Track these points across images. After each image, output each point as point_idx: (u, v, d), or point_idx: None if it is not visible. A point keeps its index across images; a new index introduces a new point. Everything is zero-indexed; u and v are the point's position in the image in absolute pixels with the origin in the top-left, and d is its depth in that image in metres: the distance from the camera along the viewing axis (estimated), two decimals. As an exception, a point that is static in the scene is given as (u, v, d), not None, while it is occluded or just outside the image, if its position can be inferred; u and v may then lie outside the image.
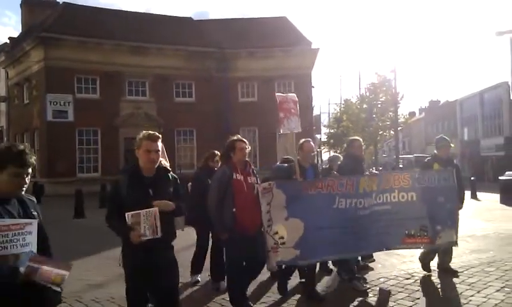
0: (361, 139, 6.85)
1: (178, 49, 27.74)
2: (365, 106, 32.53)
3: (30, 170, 2.63)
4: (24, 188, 2.64)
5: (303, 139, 6.16)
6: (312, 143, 6.19)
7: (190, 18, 32.63)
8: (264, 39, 28.32)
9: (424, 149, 53.69)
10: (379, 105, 31.90)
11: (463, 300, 5.48)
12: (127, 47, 26.89)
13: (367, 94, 33.10)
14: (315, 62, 30.09)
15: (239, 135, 5.23)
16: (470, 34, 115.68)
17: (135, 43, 26.94)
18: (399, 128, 32.82)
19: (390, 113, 30.68)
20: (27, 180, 2.62)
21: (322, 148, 47.64)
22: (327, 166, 8.77)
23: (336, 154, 8.01)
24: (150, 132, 3.75)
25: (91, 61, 25.70)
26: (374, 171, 7.08)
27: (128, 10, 35.18)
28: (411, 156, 43.98)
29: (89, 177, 25.48)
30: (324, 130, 45.92)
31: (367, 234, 5.53)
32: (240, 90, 29.14)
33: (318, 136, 46.09)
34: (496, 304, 5.28)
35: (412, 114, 66.92)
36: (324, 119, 48.06)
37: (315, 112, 43.78)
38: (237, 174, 4.89)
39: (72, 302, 5.66)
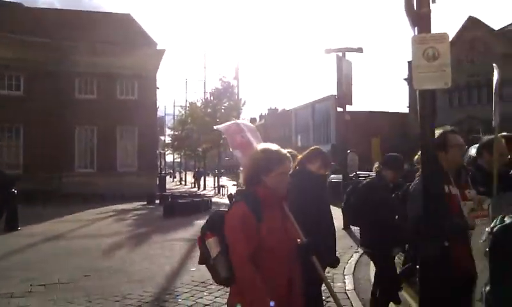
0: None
1: (3, 36, 24.56)
2: (209, 110, 33.07)
3: None
4: None
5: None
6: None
7: (20, 4, 29.22)
8: (106, 34, 26.73)
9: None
10: (222, 110, 32.71)
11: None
12: None
13: (211, 98, 33.73)
14: (161, 63, 29.58)
15: (449, 127, 3.51)
16: (306, 49, 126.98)
17: None
18: (240, 133, 33.94)
19: (233, 118, 31.63)
20: None
21: (165, 150, 47.05)
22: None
23: None
24: None
25: None
26: None
27: None
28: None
29: None
30: (168, 132, 45.41)
31: None
32: (77, 86, 27.02)
33: (162, 138, 45.46)
34: None
35: (253, 120, 70.61)
36: (169, 121, 47.66)
37: (160, 113, 43.15)
38: (450, 186, 3.16)
39: None
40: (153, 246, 9.86)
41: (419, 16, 3.62)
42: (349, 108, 13.84)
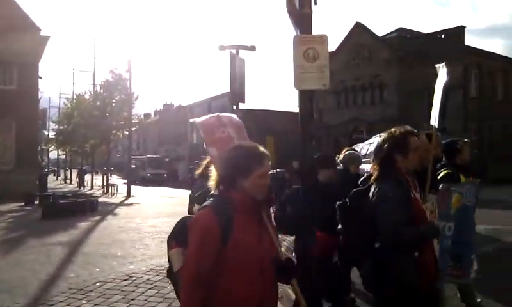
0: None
1: None
2: (98, 103, 31.42)
3: None
4: None
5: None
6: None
7: None
8: (-22, 15, 24.04)
9: (157, 150, 55.70)
10: (113, 104, 31.25)
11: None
12: None
13: (101, 91, 32.06)
14: (45, 51, 27.41)
15: (408, 126, 3.11)
16: (202, 45, 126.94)
17: None
18: (133, 129, 32.86)
19: (125, 113, 30.48)
20: None
21: (49, 145, 43.73)
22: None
23: (355, 151, 5.96)
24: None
25: None
26: None
27: None
28: (144, 157, 44.88)
29: None
30: (52, 125, 42.27)
31: None
32: None
33: (45, 132, 42.24)
34: None
35: (148, 115, 68.68)
36: (54, 114, 44.35)
37: (43, 105, 40.05)
38: (413, 191, 2.93)
39: None
40: (27, 251, 8.98)
41: (301, 16, 3.67)
42: (245, 106, 13.92)
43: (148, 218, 14.10)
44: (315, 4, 3.75)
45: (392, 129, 3.00)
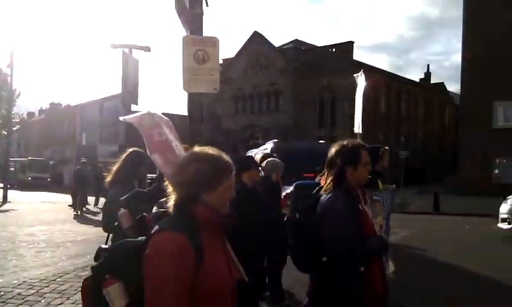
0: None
1: None
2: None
3: None
4: None
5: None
6: None
7: None
8: None
9: (41, 152, 51.68)
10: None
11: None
12: None
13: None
14: None
15: (360, 140, 3.03)
16: (94, 42, 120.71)
17: None
18: (14, 128, 30.16)
19: (4, 111, 27.79)
20: None
21: None
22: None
23: (276, 159, 5.55)
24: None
25: None
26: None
27: None
28: (25, 159, 41.20)
29: None
30: None
31: None
32: None
33: None
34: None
35: (31, 114, 63.71)
36: None
37: None
38: (362, 204, 2.81)
39: None
40: None
41: (191, 17, 3.50)
42: (136, 108, 13.39)
43: (24, 226, 12.85)
44: (207, 5, 3.63)
45: (344, 141, 2.91)
